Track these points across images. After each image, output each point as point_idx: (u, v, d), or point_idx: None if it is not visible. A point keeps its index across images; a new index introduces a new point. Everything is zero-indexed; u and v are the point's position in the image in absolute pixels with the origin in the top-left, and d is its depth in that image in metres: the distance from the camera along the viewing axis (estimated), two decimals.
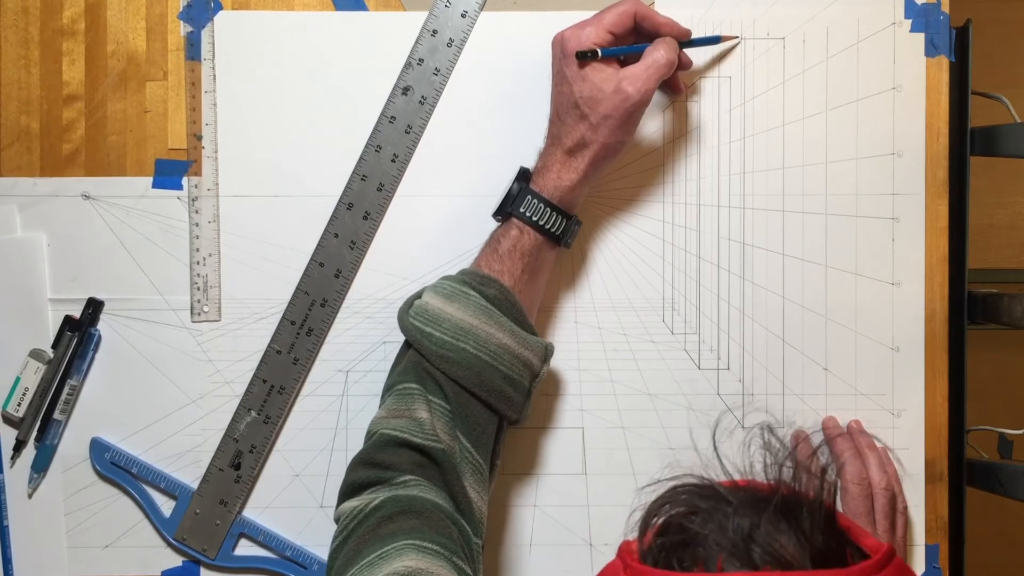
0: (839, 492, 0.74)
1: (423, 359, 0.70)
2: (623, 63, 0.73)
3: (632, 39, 0.75)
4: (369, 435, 0.71)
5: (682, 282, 0.81)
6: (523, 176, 0.75)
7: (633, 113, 0.71)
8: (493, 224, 0.78)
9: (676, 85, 0.79)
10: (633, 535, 0.48)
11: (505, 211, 0.74)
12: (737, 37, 0.80)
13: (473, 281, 0.71)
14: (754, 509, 0.44)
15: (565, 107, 0.73)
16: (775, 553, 0.43)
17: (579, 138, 0.72)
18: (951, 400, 0.81)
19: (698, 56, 0.80)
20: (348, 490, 0.69)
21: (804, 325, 0.80)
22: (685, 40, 0.76)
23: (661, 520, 0.47)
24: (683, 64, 0.77)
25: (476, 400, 0.70)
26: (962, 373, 0.81)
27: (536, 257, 0.73)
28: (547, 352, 0.73)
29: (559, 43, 0.74)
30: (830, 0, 0.80)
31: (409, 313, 0.71)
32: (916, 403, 0.81)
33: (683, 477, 0.48)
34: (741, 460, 0.50)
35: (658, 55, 0.72)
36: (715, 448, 0.52)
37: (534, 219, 0.72)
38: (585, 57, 0.71)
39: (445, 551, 0.63)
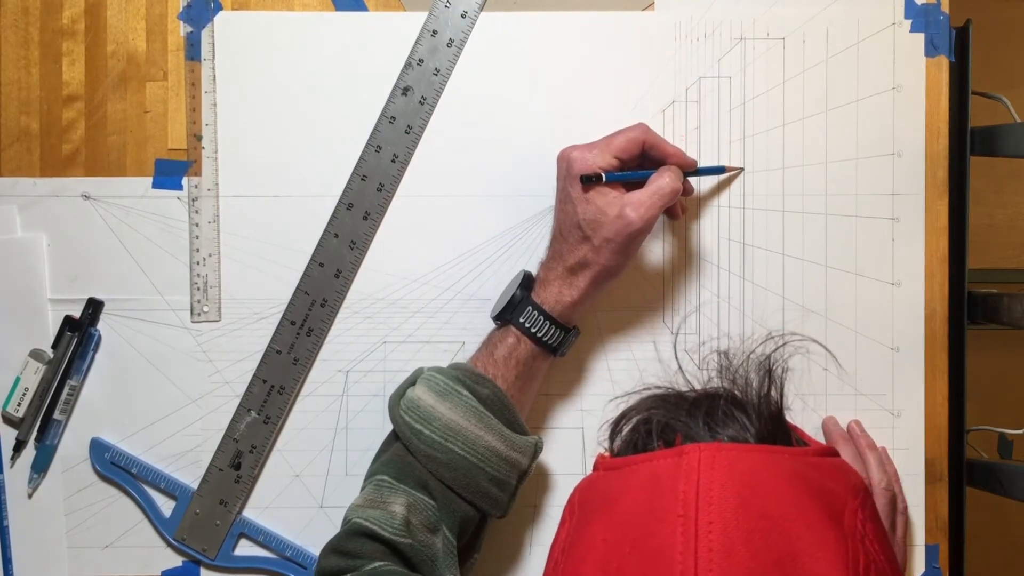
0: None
1: (409, 454, 0.70)
2: (627, 186, 0.73)
3: (638, 164, 0.75)
4: (345, 521, 0.71)
5: (682, 282, 0.81)
6: (526, 283, 0.75)
7: (635, 238, 0.71)
8: (493, 225, 0.78)
9: (675, 211, 0.79)
10: (604, 446, 0.55)
11: (505, 317, 0.74)
12: (741, 168, 0.80)
13: (467, 379, 0.71)
14: (709, 401, 0.51)
15: (568, 226, 0.73)
16: (728, 435, 0.50)
17: (581, 258, 0.72)
18: (951, 400, 0.81)
19: (701, 183, 0.80)
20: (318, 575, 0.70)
21: (804, 325, 0.80)
22: (690, 170, 0.76)
23: (630, 425, 0.53)
24: (685, 191, 0.77)
25: (461, 499, 0.70)
26: (962, 373, 0.81)
27: (531, 366, 0.74)
28: (536, 449, 0.73)
29: (565, 162, 0.74)
30: (830, 0, 0.80)
31: (400, 405, 0.71)
32: (916, 403, 0.81)
33: (648, 387, 0.56)
34: (700, 375, 0.57)
35: (663, 183, 0.72)
36: (677, 363, 0.61)
37: (532, 330, 0.73)
38: (589, 181, 0.72)
39: None
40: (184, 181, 0.80)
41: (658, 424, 0.51)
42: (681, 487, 0.46)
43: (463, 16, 0.80)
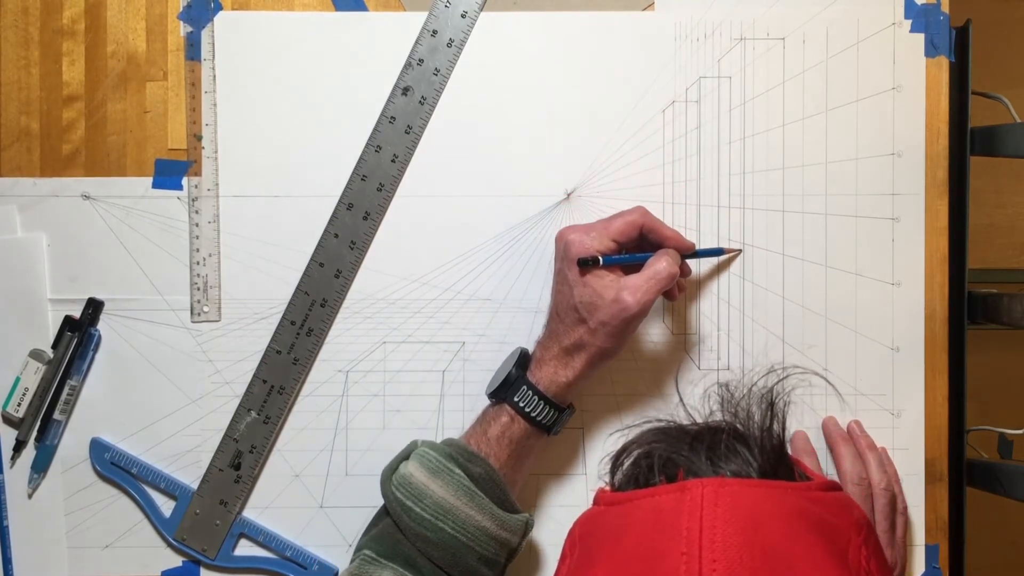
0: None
1: (399, 531, 0.70)
2: (625, 269, 0.73)
3: (636, 247, 0.75)
4: None
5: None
6: (522, 361, 0.75)
7: (631, 323, 0.71)
8: (493, 225, 0.78)
9: (672, 292, 0.78)
10: (605, 480, 0.55)
11: (500, 395, 0.74)
12: (739, 250, 0.80)
13: (460, 457, 0.71)
14: (711, 435, 0.51)
15: (564, 308, 0.73)
16: (730, 469, 0.49)
17: (577, 340, 0.72)
18: (951, 400, 0.81)
19: (699, 263, 0.80)
20: None
21: (804, 325, 0.81)
22: (688, 253, 0.76)
23: (632, 458, 0.53)
24: (683, 272, 0.77)
25: None
26: (962, 373, 0.81)
27: (524, 444, 0.73)
28: (527, 527, 0.73)
29: (563, 243, 0.74)
30: (830, 0, 0.80)
31: (392, 481, 0.71)
32: (916, 403, 0.81)
33: (650, 420, 0.55)
34: (702, 407, 0.57)
35: (660, 267, 0.72)
36: (679, 396, 0.63)
37: (526, 410, 0.73)
38: (587, 265, 0.72)
39: None
40: (184, 181, 0.80)
41: (660, 458, 0.51)
42: (684, 524, 0.45)
43: (463, 16, 0.80)
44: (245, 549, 0.80)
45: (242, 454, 0.80)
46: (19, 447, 0.80)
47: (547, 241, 0.80)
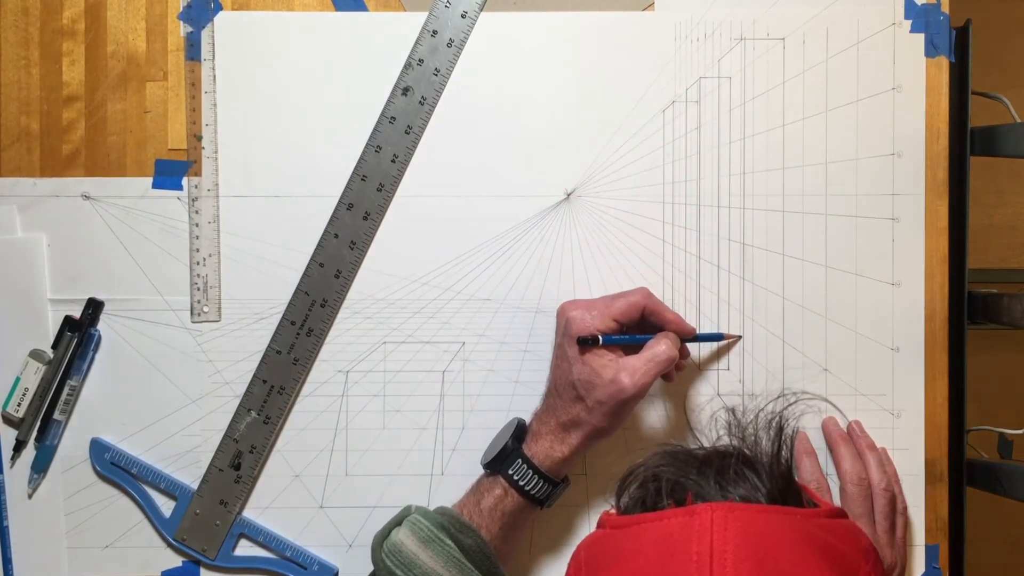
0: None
1: None
2: (625, 348, 0.73)
3: (638, 327, 0.75)
4: None
5: (682, 282, 0.81)
6: (519, 433, 0.75)
7: (628, 404, 0.71)
8: (493, 225, 0.78)
9: (671, 375, 0.78)
10: (611, 503, 0.54)
11: (495, 467, 0.74)
12: (739, 336, 0.80)
13: (452, 527, 0.71)
14: (720, 459, 0.51)
15: (563, 384, 0.73)
16: (739, 494, 0.49)
17: (574, 416, 0.72)
18: (951, 400, 0.81)
19: (698, 347, 0.80)
20: None
21: (804, 325, 0.80)
22: (689, 337, 0.76)
23: (639, 481, 0.52)
24: (681, 355, 0.76)
25: None
26: (962, 373, 0.81)
27: (516, 517, 0.74)
28: None
29: (563, 319, 0.74)
30: (830, 0, 0.80)
31: (383, 548, 0.71)
32: (916, 403, 0.81)
33: (659, 445, 0.55)
34: (709, 431, 0.58)
35: (659, 350, 0.72)
36: (686, 419, 0.61)
37: (520, 483, 0.73)
38: (586, 344, 0.72)
39: None
40: (184, 181, 0.80)
41: (668, 482, 0.50)
42: (695, 548, 0.45)
43: (463, 16, 0.80)
44: (245, 549, 0.80)
45: (242, 454, 0.80)
46: (19, 447, 0.80)
47: (547, 241, 0.80)
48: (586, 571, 0.50)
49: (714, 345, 0.80)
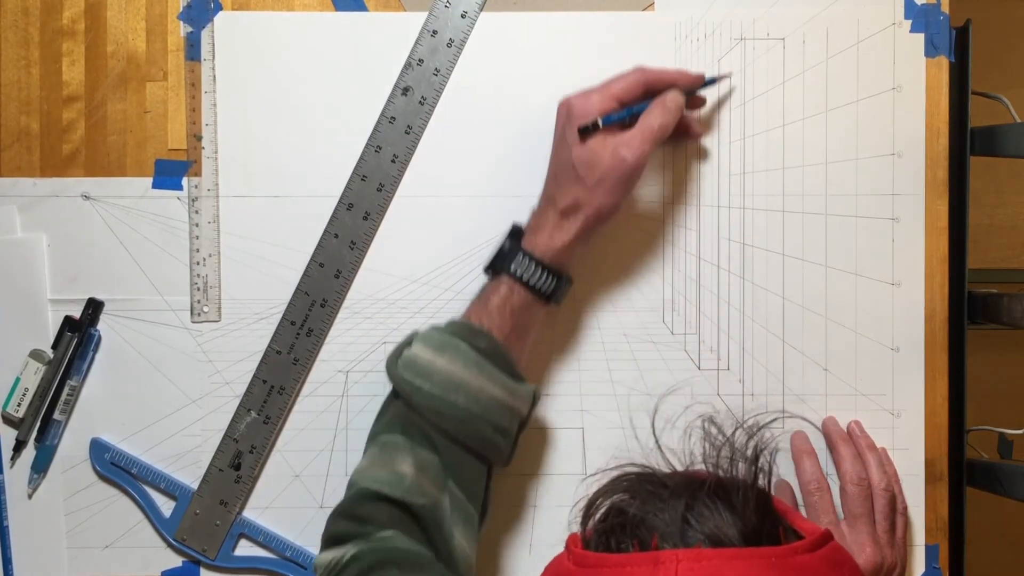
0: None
1: (411, 411, 0.70)
2: (628, 124, 0.73)
3: (642, 100, 0.74)
4: (350, 485, 0.70)
5: (682, 282, 0.81)
6: (515, 233, 0.75)
7: (629, 177, 0.71)
8: (493, 225, 0.78)
9: (692, 130, 0.78)
10: (577, 525, 0.50)
11: (496, 268, 0.74)
12: (729, 73, 0.80)
13: (463, 333, 0.71)
14: (689, 491, 0.46)
15: (562, 168, 0.73)
16: (708, 532, 0.45)
17: (573, 200, 0.72)
18: (951, 400, 0.81)
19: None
20: (327, 542, 0.69)
21: (804, 325, 0.80)
22: (698, 85, 0.76)
23: (603, 509, 0.49)
24: (695, 105, 0.76)
25: (466, 451, 0.70)
26: (962, 373, 0.81)
27: (525, 315, 0.73)
28: (535, 398, 0.73)
29: (565, 109, 0.73)
30: (830, 0, 0.80)
31: (398, 364, 0.71)
32: (916, 403, 0.81)
33: (624, 466, 0.51)
34: (682, 449, 0.52)
35: (651, 119, 0.71)
36: (655, 439, 0.57)
37: (524, 278, 0.72)
38: (587, 131, 0.72)
39: None
40: (184, 181, 0.80)
41: (632, 518, 0.47)
42: None
43: (463, 16, 0.80)
44: (245, 549, 0.80)
45: (242, 454, 0.80)
46: (19, 447, 0.80)
47: None
48: None
49: (711, 347, 0.80)
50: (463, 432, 0.69)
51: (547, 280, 0.72)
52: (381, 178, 0.80)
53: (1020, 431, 0.85)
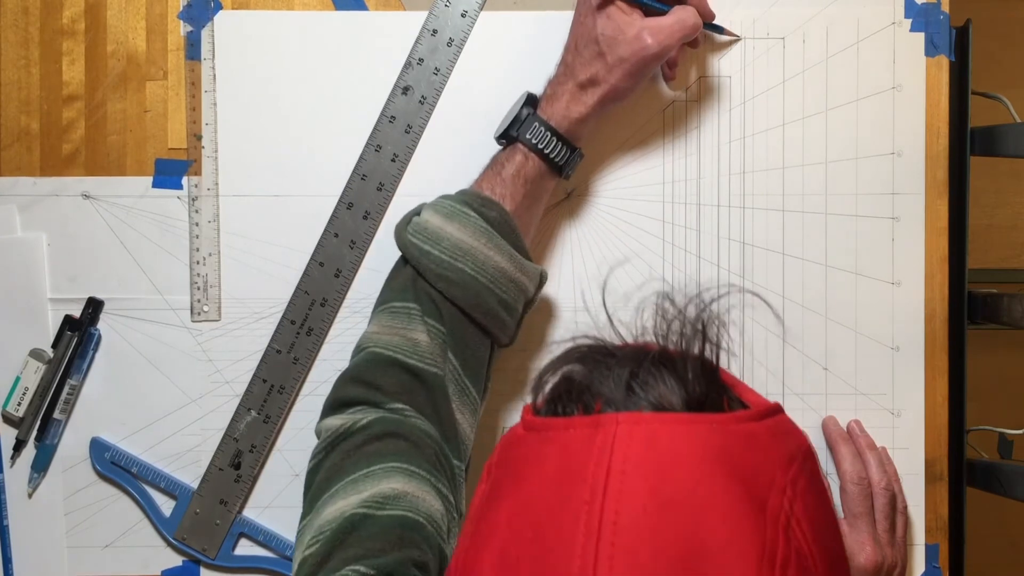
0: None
1: (420, 277, 0.70)
2: (648, 13, 0.73)
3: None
4: (358, 350, 0.70)
5: (682, 282, 0.81)
6: (530, 102, 0.74)
7: (648, 63, 0.71)
8: None
9: (671, 72, 0.79)
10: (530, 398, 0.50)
11: (510, 135, 0.73)
12: (739, 37, 0.80)
13: (474, 202, 0.70)
14: (636, 360, 0.46)
15: (585, 39, 0.72)
16: (651, 399, 0.44)
17: (592, 74, 0.72)
18: (951, 400, 0.81)
19: (696, 55, 0.80)
20: (334, 405, 0.69)
21: (804, 325, 0.80)
22: (709, 20, 0.76)
23: (554, 379, 0.48)
24: (695, 43, 0.77)
25: (470, 322, 0.70)
26: (962, 373, 0.81)
27: (537, 185, 0.73)
28: (542, 279, 0.73)
29: None
30: (830, 0, 0.80)
31: (408, 230, 0.71)
32: (916, 403, 0.81)
33: (577, 339, 0.50)
34: (634, 323, 0.51)
35: (686, 15, 0.72)
36: (607, 313, 0.54)
37: (539, 146, 0.72)
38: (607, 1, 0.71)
39: (432, 478, 0.63)
40: (184, 181, 0.80)
41: (579, 386, 0.46)
42: (591, 470, 0.41)
43: (463, 15, 0.80)
44: (245, 549, 0.80)
45: (242, 453, 0.80)
46: (19, 446, 0.80)
47: (547, 240, 0.80)
48: (495, 476, 0.47)
49: None
50: (470, 301, 0.69)
51: (562, 150, 0.73)
52: (381, 177, 0.80)
53: (1020, 431, 0.85)
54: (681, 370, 0.45)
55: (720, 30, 0.79)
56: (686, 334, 0.48)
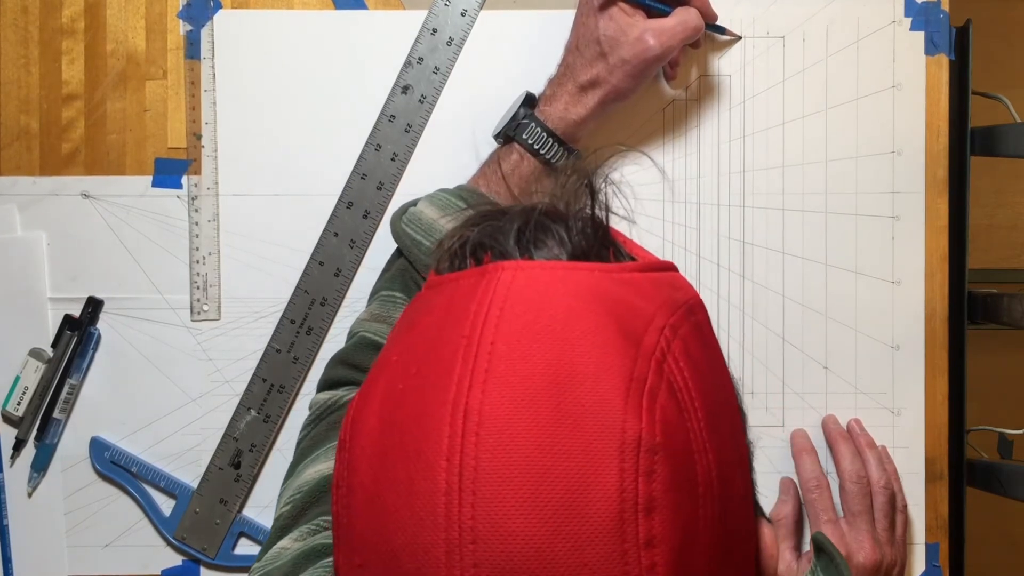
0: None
1: (411, 267, 0.72)
2: (649, 14, 0.73)
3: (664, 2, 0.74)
4: (351, 335, 0.73)
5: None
6: (528, 101, 0.75)
7: (651, 64, 0.71)
8: None
9: (672, 71, 0.79)
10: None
11: (507, 134, 0.74)
12: (740, 36, 0.80)
13: (469, 197, 0.72)
14: (524, 215, 0.47)
15: (586, 40, 0.72)
16: (537, 249, 0.46)
17: (594, 76, 0.72)
18: (951, 399, 0.81)
19: (696, 55, 0.80)
20: (324, 385, 0.72)
21: (804, 324, 0.80)
22: (710, 22, 0.76)
23: (449, 245, 0.50)
24: (696, 43, 0.77)
25: None
26: (962, 373, 0.81)
27: (532, 185, 0.74)
28: None
29: None
30: None
31: (402, 220, 0.72)
32: (916, 402, 0.81)
33: (478, 206, 0.52)
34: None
35: (689, 16, 0.72)
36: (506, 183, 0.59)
37: (535, 147, 0.72)
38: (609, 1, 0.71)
39: None
40: (184, 180, 0.80)
41: (471, 242, 0.48)
42: (473, 308, 0.43)
43: (463, 14, 0.80)
44: (245, 548, 0.80)
45: (242, 453, 0.80)
46: (19, 446, 0.80)
47: None
48: (398, 328, 0.49)
49: None
50: None
51: (558, 152, 0.73)
52: (381, 176, 0.80)
53: (1020, 431, 0.85)
54: (570, 223, 0.47)
55: (722, 31, 0.79)
56: (578, 190, 0.49)
